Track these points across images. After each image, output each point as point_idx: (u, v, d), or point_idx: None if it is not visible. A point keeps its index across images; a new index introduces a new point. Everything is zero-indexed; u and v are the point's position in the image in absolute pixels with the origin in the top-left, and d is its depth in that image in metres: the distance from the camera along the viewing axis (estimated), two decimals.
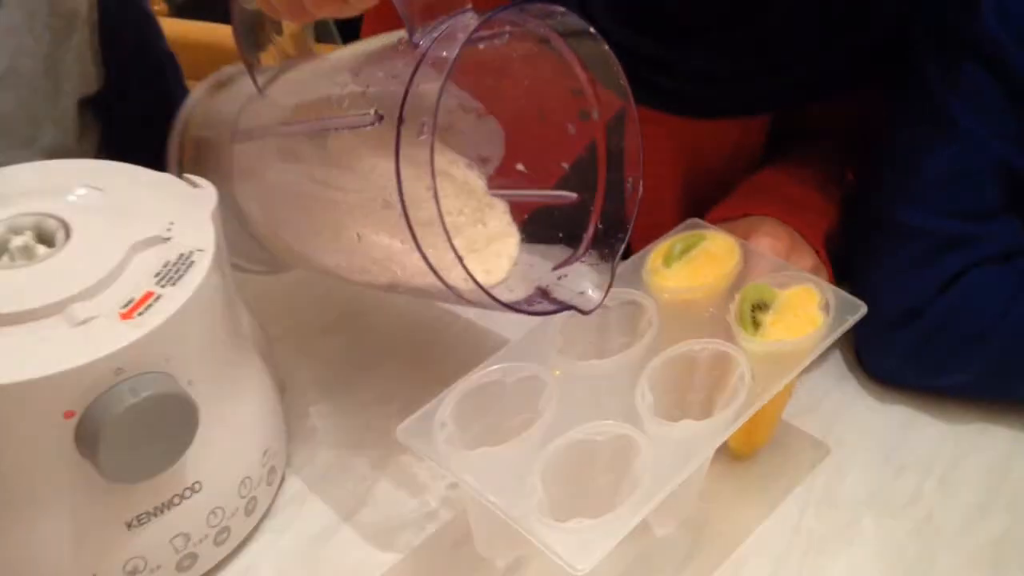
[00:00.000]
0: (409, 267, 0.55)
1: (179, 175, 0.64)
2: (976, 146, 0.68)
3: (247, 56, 0.66)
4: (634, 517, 0.52)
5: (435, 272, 0.52)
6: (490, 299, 0.52)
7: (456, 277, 0.52)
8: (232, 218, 0.67)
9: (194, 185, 0.63)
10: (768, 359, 0.62)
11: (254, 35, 0.66)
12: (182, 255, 0.58)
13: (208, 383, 0.58)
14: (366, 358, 0.78)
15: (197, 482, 0.59)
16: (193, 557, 0.61)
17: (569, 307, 0.57)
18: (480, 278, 0.52)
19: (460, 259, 0.50)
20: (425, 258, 0.52)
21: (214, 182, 0.64)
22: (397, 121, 0.50)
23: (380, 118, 0.53)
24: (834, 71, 0.76)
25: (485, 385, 0.59)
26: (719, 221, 0.74)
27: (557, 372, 0.60)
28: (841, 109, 0.80)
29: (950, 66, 0.67)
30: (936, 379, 0.71)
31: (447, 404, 0.58)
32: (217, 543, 0.62)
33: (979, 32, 0.67)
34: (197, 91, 0.74)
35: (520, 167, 0.65)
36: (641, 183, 0.61)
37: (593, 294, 0.58)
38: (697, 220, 0.71)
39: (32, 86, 0.78)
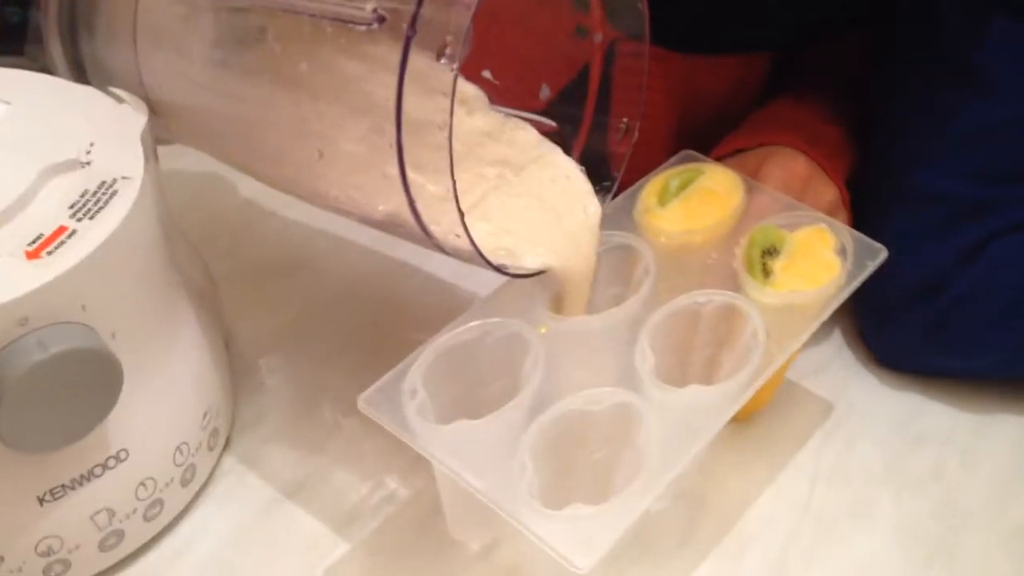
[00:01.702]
0: (381, 202, 0.47)
1: (59, 21, 0.54)
2: (1005, 101, 0.60)
3: None
4: (641, 502, 0.44)
5: (421, 223, 0.44)
6: (480, 258, 0.44)
7: (444, 230, 0.44)
8: (120, 75, 0.57)
9: (119, 100, 0.54)
10: (781, 312, 0.54)
11: None
12: (103, 183, 0.49)
13: (135, 335, 0.50)
14: (323, 305, 0.70)
15: (123, 450, 0.51)
16: (119, 535, 0.53)
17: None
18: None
19: (462, 214, 0.42)
20: (412, 205, 0.43)
21: (106, 34, 0.54)
22: (407, 33, 0.41)
23: (380, 19, 0.44)
24: (846, 7, 0.68)
25: (460, 345, 0.51)
26: (731, 153, 0.66)
27: (543, 329, 0.52)
28: (849, 48, 0.73)
29: (978, 20, 0.60)
30: (956, 361, 0.63)
31: (417, 368, 0.50)
32: (148, 518, 0.54)
33: None
34: None
35: (487, 75, 0.56)
36: (637, 126, 0.54)
37: None
38: (692, 152, 0.63)
39: None
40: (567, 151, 0.56)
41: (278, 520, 0.57)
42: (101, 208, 0.48)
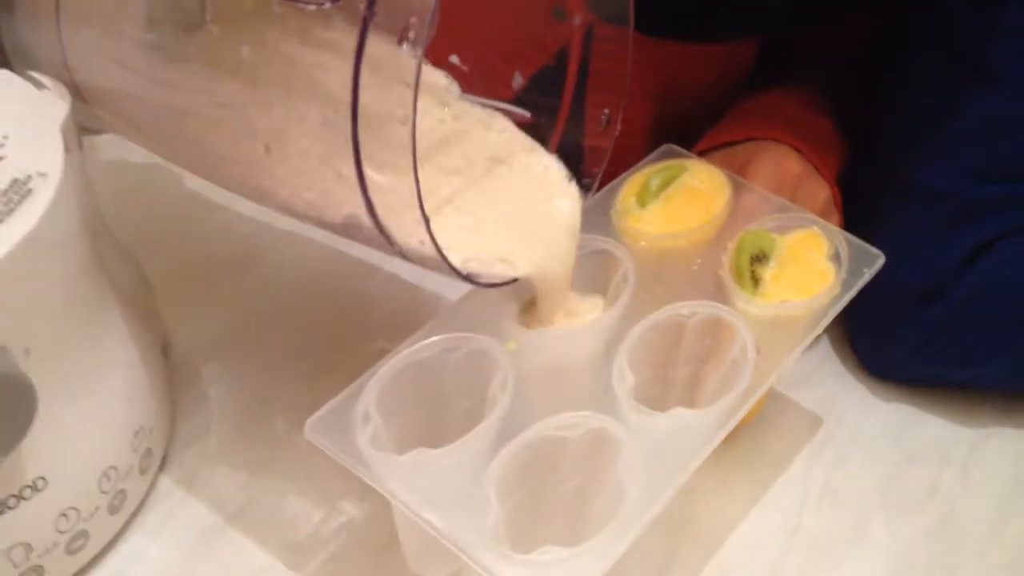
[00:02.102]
0: (337, 205, 0.42)
1: None
2: (1013, 96, 0.56)
3: None
4: (619, 545, 0.40)
5: (380, 228, 0.39)
6: (447, 267, 0.40)
7: (406, 236, 0.39)
8: (43, 58, 0.51)
9: (40, 86, 0.48)
10: (771, 324, 0.50)
11: None
12: (16, 181, 0.44)
13: (53, 350, 0.45)
14: (273, 307, 0.65)
15: (40, 478, 0.46)
16: (38, 571, 0.48)
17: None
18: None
19: (427, 219, 0.38)
20: (371, 208, 0.39)
21: (26, 10, 0.49)
22: (364, 14, 0.36)
23: None
24: None
25: (418, 363, 0.46)
26: (717, 147, 0.61)
27: (511, 345, 0.47)
28: (838, 39, 0.68)
29: (987, 12, 0.56)
30: (955, 372, 0.59)
31: (371, 390, 0.45)
32: (71, 552, 0.49)
33: None
34: None
35: (455, 60, 0.51)
36: (620, 117, 0.50)
37: None
38: (674, 147, 0.58)
39: None
40: (542, 144, 0.51)
41: (220, 549, 0.52)
42: (13, 209, 0.42)
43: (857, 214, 0.61)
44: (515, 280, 0.45)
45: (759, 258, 0.52)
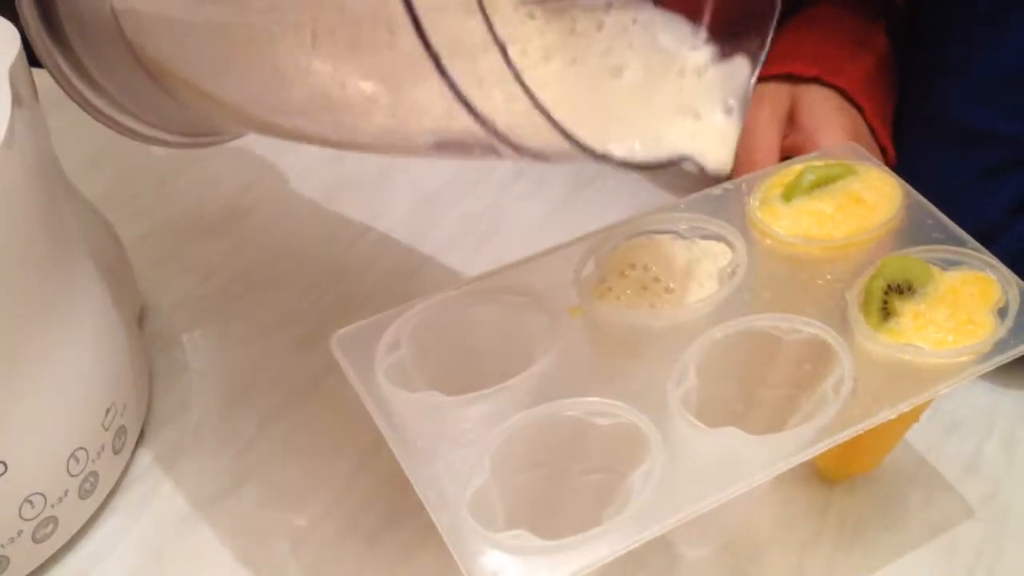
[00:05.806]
0: (404, 80, 0.34)
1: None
2: None
3: None
4: (596, 554, 0.36)
5: (459, 94, 0.31)
6: (566, 139, 0.31)
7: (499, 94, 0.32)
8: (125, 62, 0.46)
9: None
10: (888, 368, 0.43)
11: None
12: None
13: (8, 323, 0.41)
14: (257, 271, 0.62)
15: (0, 463, 0.42)
16: (2, 562, 0.44)
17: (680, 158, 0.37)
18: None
19: (514, 70, 0.30)
20: (435, 58, 0.31)
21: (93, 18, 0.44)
22: None
23: None
24: None
25: (467, 306, 0.45)
26: (782, 76, 0.57)
27: (574, 312, 0.44)
28: None
29: None
30: None
31: (408, 319, 0.43)
32: (38, 540, 0.45)
33: None
34: None
35: None
36: None
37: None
38: (857, 146, 0.51)
39: None
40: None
41: (202, 533, 0.49)
42: None
43: (896, 160, 0.57)
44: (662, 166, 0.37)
45: (899, 288, 0.46)
